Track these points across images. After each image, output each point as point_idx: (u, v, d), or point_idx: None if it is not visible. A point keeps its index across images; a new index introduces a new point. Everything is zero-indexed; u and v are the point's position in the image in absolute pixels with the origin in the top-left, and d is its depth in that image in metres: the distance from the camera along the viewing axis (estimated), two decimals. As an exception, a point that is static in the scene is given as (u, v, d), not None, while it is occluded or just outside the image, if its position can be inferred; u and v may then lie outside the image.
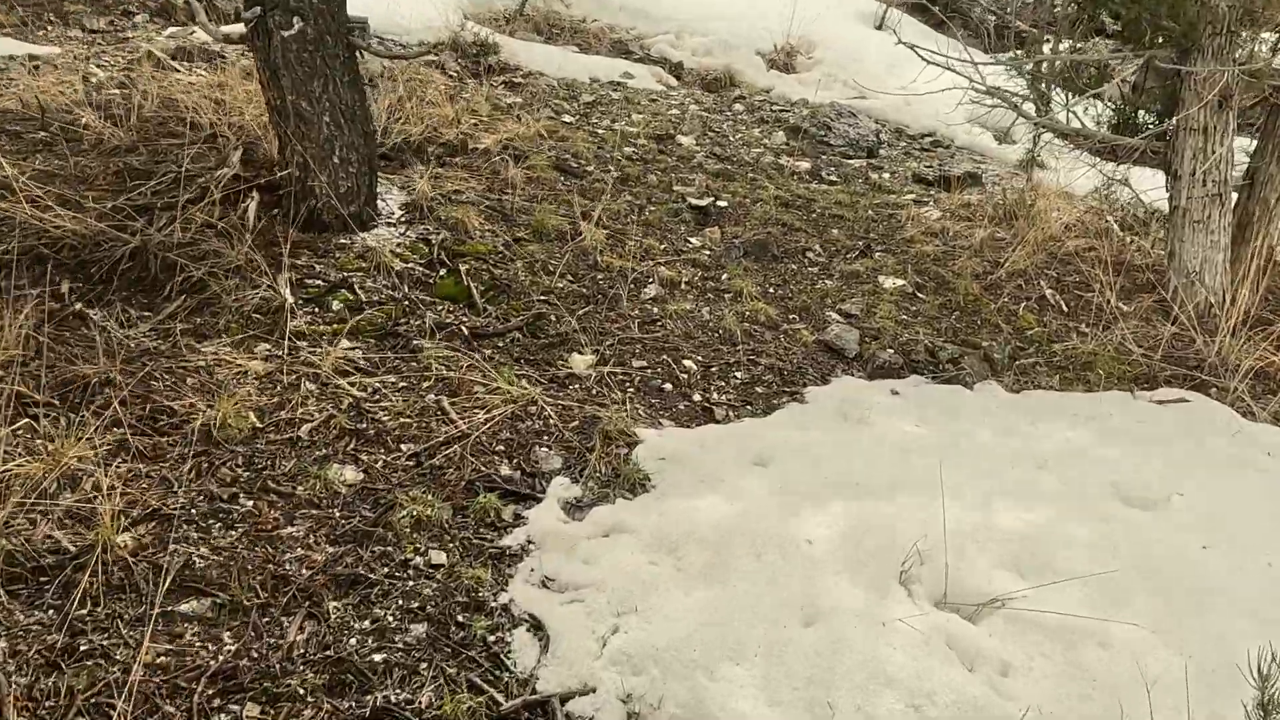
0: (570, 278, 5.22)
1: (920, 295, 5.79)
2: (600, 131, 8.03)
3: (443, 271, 4.93)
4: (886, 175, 8.26)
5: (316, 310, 4.48)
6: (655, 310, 5.10)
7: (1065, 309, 5.87)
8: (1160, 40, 5.69)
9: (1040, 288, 6.00)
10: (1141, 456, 4.12)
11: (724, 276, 5.66)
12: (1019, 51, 8.83)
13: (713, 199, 6.83)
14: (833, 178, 8.01)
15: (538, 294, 4.96)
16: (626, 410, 4.18)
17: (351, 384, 4.01)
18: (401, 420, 3.85)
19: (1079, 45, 7.25)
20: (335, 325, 4.38)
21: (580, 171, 6.91)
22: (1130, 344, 5.46)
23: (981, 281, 5.96)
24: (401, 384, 4.10)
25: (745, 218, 6.64)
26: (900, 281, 5.85)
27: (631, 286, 5.27)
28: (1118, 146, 6.10)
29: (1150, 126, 6.24)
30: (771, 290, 5.62)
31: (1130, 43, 5.82)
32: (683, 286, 5.44)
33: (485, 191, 6.07)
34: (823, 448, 3.95)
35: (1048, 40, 9.15)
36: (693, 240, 6.11)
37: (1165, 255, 6.06)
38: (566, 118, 8.30)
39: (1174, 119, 5.87)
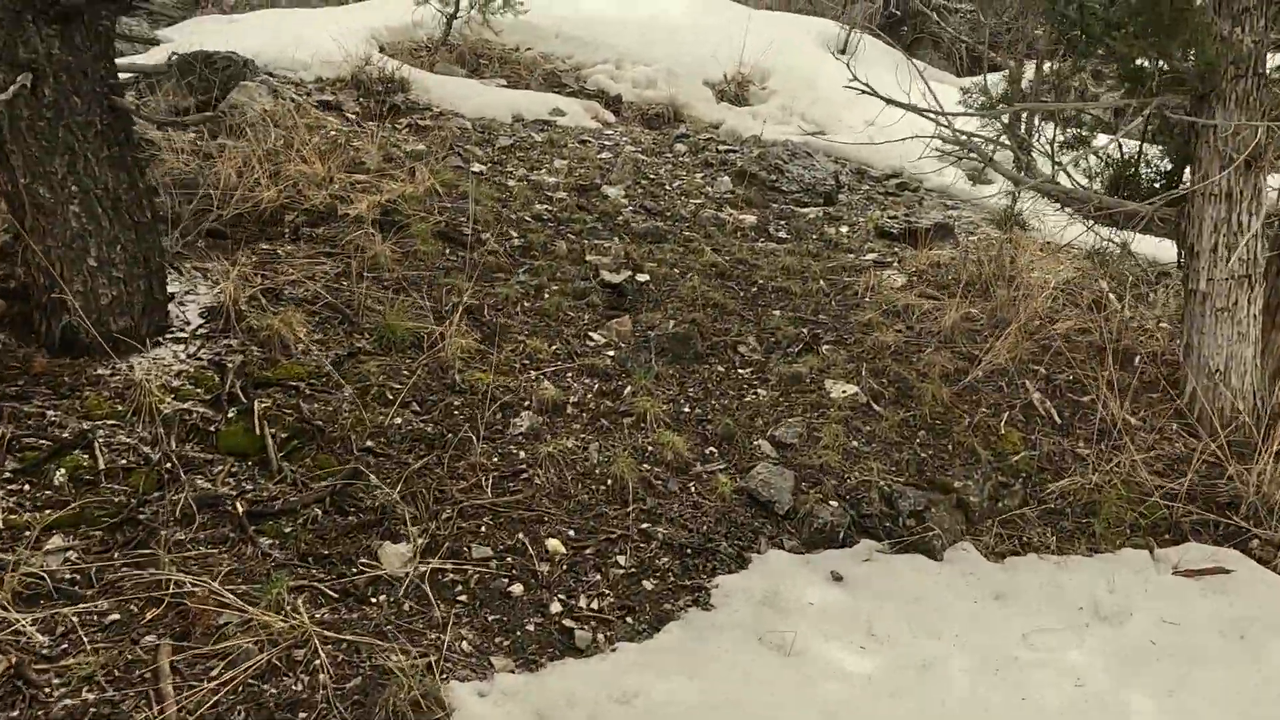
0: (415, 409, 3.84)
1: (876, 407, 4.41)
2: (511, 184, 6.64)
3: (233, 412, 3.53)
4: (844, 229, 6.89)
5: (29, 486, 3.09)
6: (523, 454, 3.71)
7: (1058, 420, 4.50)
8: (1170, 84, 4.34)
9: (1026, 390, 4.63)
10: (1175, 710, 2.75)
11: (627, 390, 4.27)
12: (994, 82, 7.51)
13: (631, 272, 5.45)
14: (782, 234, 6.63)
15: (361, 440, 3.57)
16: (445, 642, 2.80)
17: (35, 622, 2.63)
18: (82, 699, 2.47)
19: (1066, 79, 5.89)
20: (49, 512, 3.00)
21: (471, 241, 5.53)
22: (1143, 473, 4.10)
23: (953, 385, 4.59)
24: (113, 617, 2.71)
25: (669, 297, 5.26)
26: (852, 389, 4.48)
27: (498, 416, 3.89)
28: (1117, 211, 4.74)
29: (1158, 188, 4.89)
30: (688, 409, 4.24)
31: (1132, 87, 4.46)
32: (569, 411, 4.05)
33: (335, 279, 4.68)
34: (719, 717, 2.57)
35: (1026, 71, 7.82)
36: (595, 336, 4.73)
37: (1180, 347, 4.70)
38: (476, 166, 6.91)
39: (1189, 182, 4.52)
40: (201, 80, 7.48)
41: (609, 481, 3.64)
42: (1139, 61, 4.28)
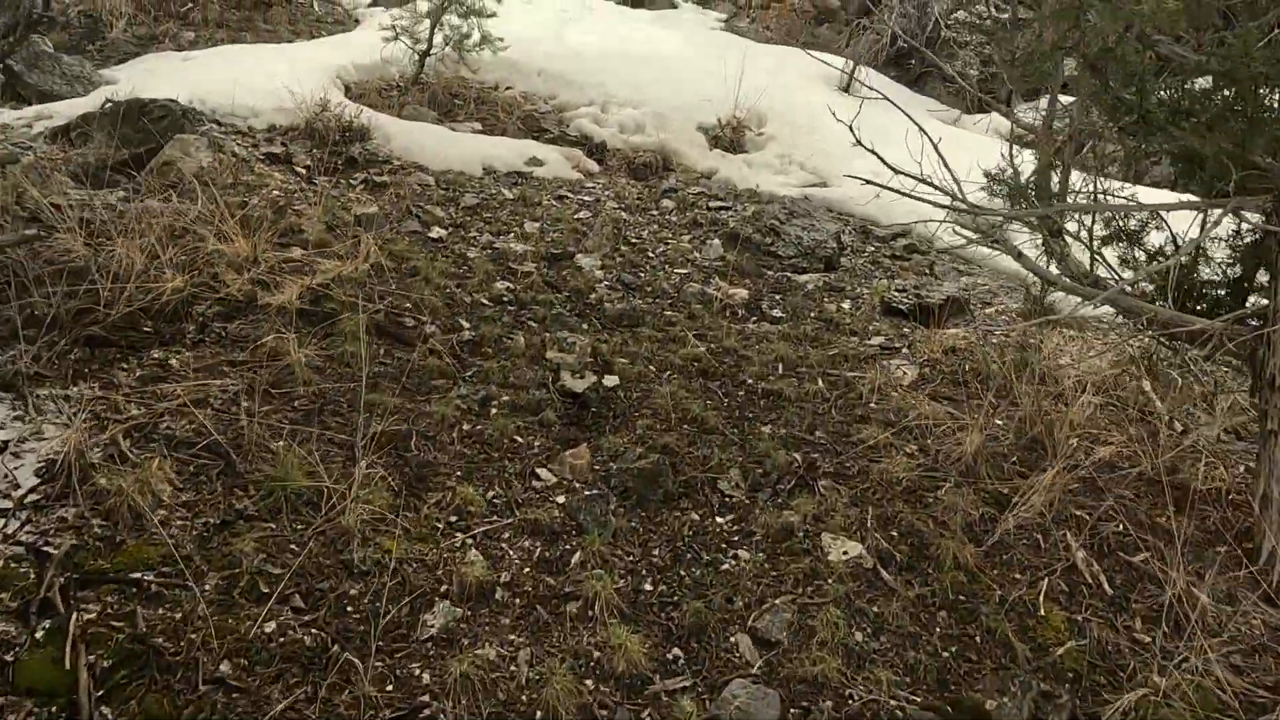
0: (296, 606, 2.93)
1: (885, 575, 3.50)
2: (472, 255, 5.75)
3: (43, 629, 2.64)
4: (847, 304, 5.97)
5: None
6: (427, 677, 2.80)
7: (1109, 590, 3.58)
8: (1250, 184, 3.43)
9: (1068, 548, 3.72)
10: None
11: (575, 557, 3.37)
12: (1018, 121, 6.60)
13: (598, 375, 4.55)
14: (777, 312, 5.72)
15: (214, 664, 2.68)
16: None
17: None
18: None
19: (1114, 153, 4.97)
20: None
21: (413, 335, 4.64)
22: (1218, 670, 3.20)
23: (978, 540, 3.68)
24: None
25: (640, 409, 4.36)
26: (855, 548, 3.57)
27: (404, 611, 3.00)
28: (1178, 328, 3.83)
29: (1223, 297, 3.98)
30: (649, 585, 3.33)
31: (1201, 184, 3.55)
32: (498, 596, 3.15)
33: (232, 400, 3.79)
34: None
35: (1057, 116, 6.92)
36: (544, 473, 3.82)
37: (1255, 495, 3.78)
38: (435, 231, 6.02)
39: (1270, 300, 3.60)
40: (137, 131, 6.62)
41: (538, 716, 2.74)
42: (1212, 156, 3.37)
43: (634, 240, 6.39)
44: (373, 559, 3.12)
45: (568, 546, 3.42)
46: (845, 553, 3.54)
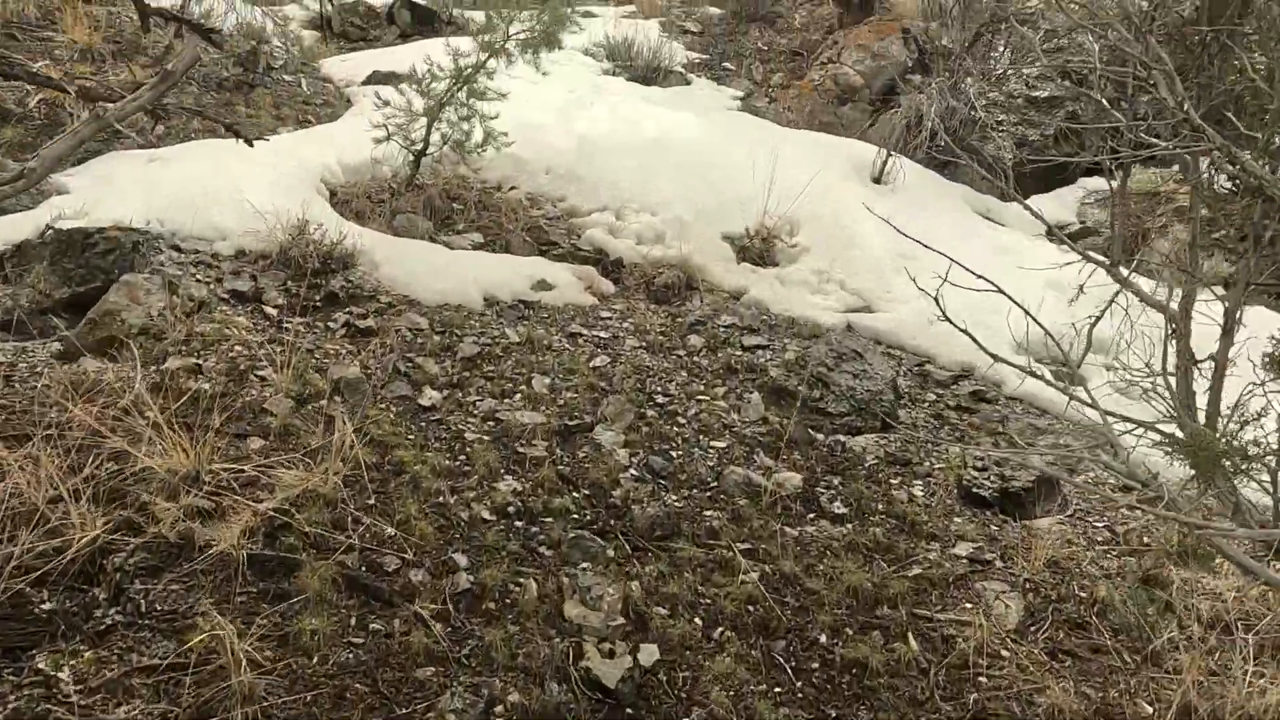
0: None
1: None
2: (470, 436, 4.60)
3: None
4: (919, 489, 4.83)
5: None
6: None
7: None
8: None
9: None
10: None
11: None
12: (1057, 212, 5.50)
13: (633, 647, 3.40)
14: (837, 506, 4.58)
15: None
16: None
17: None
18: None
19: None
20: None
21: (393, 591, 3.48)
22: None
23: None
24: None
25: (688, 706, 3.22)
26: None
27: None
28: None
29: None
30: None
31: None
32: None
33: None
34: None
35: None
36: None
37: None
38: (428, 395, 4.88)
39: None
40: (80, 266, 5.48)
41: None
42: None
43: (661, 398, 5.25)
44: None
45: None
46: None
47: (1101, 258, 4.44)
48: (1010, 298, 4.01)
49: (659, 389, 5.34)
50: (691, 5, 13.38)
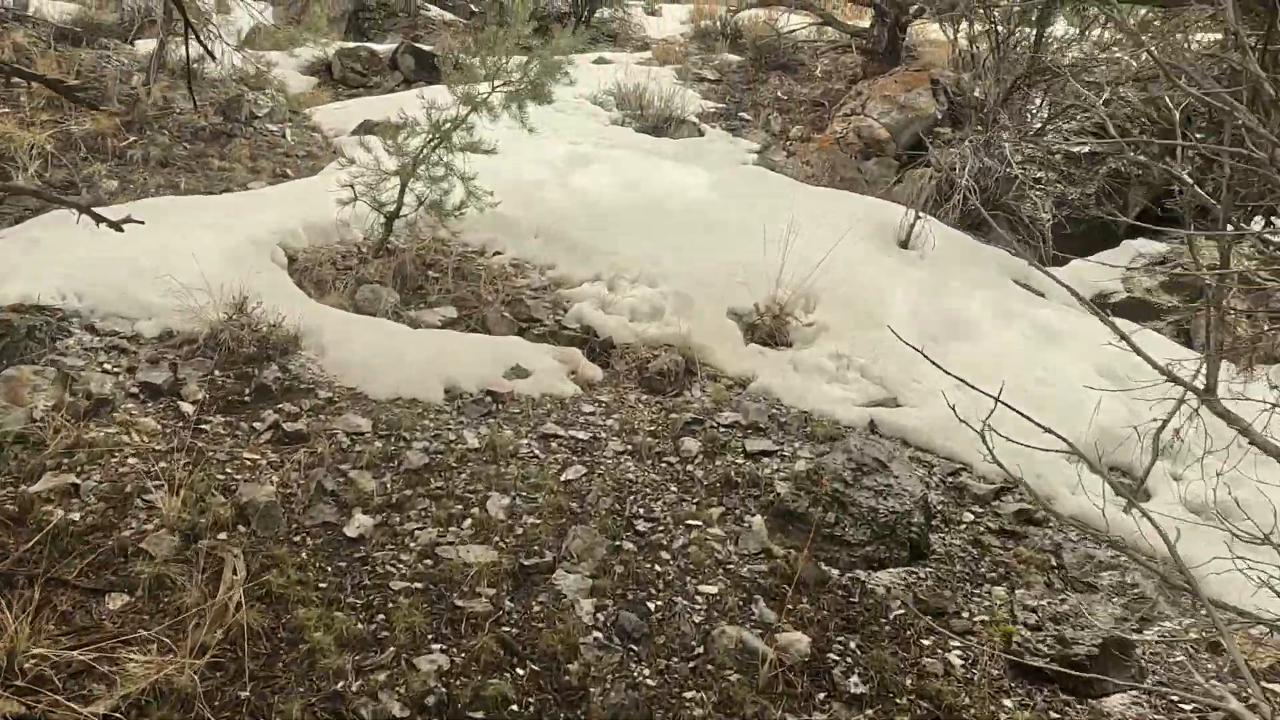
0: None
1: None
2: (396, 586, 3.60)
3: None
4: (956, 658, 3.75)
5: None
6: None
7: None
8: None
9: None
10: None
11: None
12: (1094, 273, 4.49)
13: None
14: (854, 681, 3.52)
15: None
16: None
17: None
18: None
19: None
20: None
21: None
22: None
23: None
24: None
25: None
26: None
27: None
28: None
29: None
30: None
31: None
32: None
33: None
34: None
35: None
36: None
37: None
38: (355, 524, 3.89)
39: None
40: (-33, 351, 4.56)
41: None
42: None
43: (643, 523, 4.22)
44: None
45: None
46: None
47: (1189, 381, 3.36)
48: (1065, 441, 2.94)
49: (641, 510, 4.31)
50: (710, 52, 12.48)
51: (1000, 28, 8.76)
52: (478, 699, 3.11)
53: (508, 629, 3.45)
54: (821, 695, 3.45)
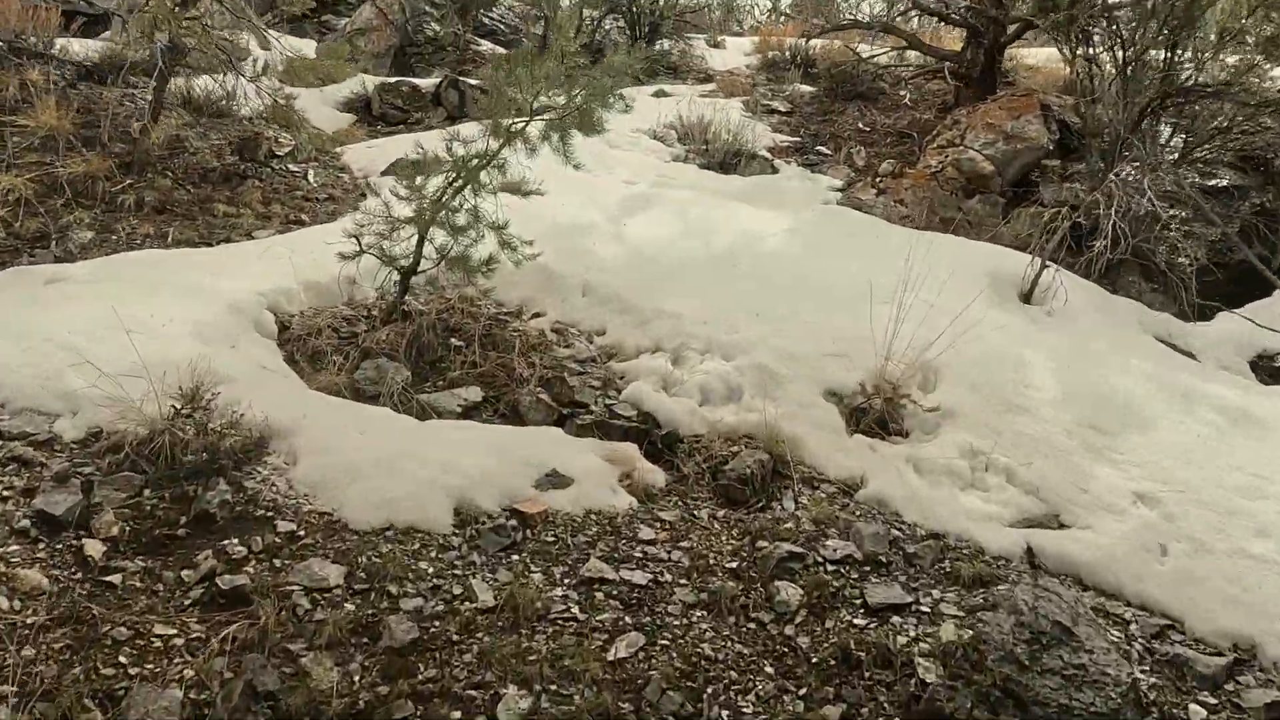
0: None
1: None
2: None
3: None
4: None
5: None
6: None
7: None
8: None
9: None
10: None
11: None
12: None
13: None
14: None
15: None
16: None
17: None
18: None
19: None
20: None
21: None
22: None
23: None
24: None
25: None
26: None
27: None
28: None
29: None
30: None
31: None
32: None
33: None
34: None
35: None
36: None
37: None
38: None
39: None
40: None
41: None
42: None
43: (727, 737, 2.71)
44: None
45: None
46: None
47: None
48: None
49: (726, 713, 2.80)
50: (779, 83, 11.05)
51: (1126, 46, 7.15)
52: None
53: None
54: None
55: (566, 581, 3.27)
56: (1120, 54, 7.16)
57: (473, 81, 9.72)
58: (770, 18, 17.09)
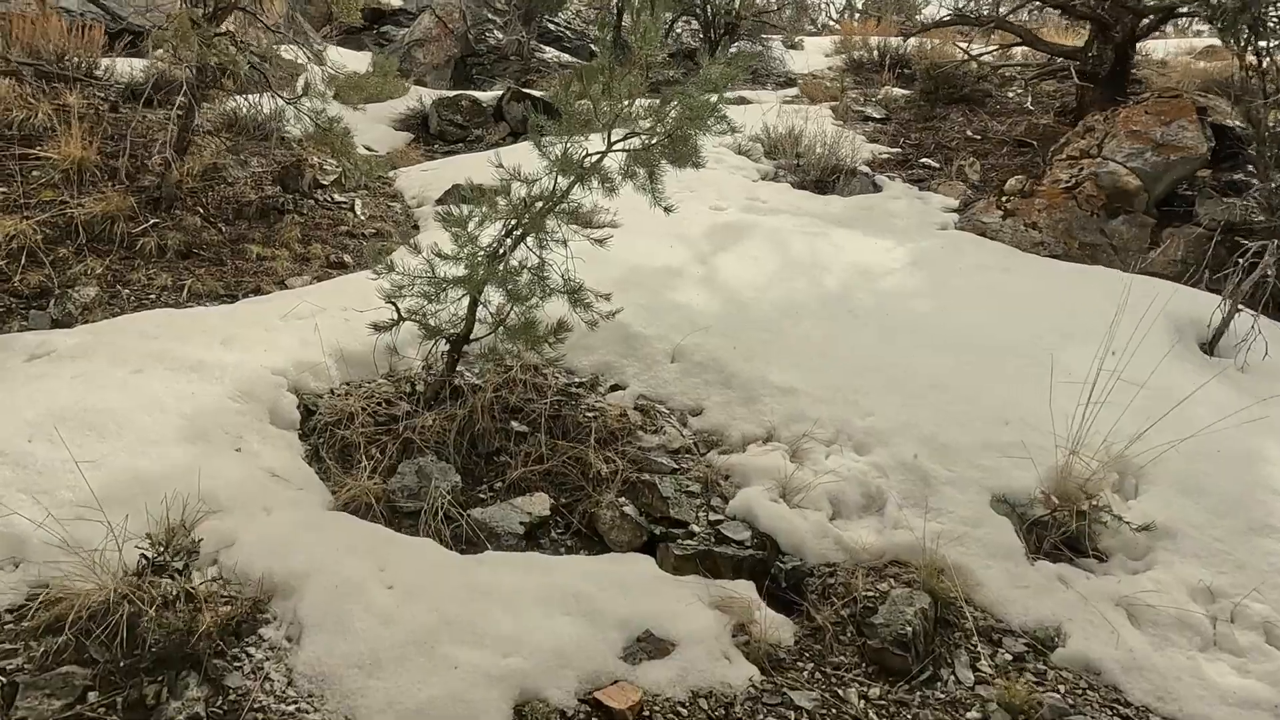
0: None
1: None
2: None
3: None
4: None
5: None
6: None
7: None
8: None
9: None
10: None
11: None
12: None
13: None
14: None
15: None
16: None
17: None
18: None
19: None
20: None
21: None
22: None
23: None
24: None
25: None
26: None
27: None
28: None
29: None
30: None
31: None
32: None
33: None
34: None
35: None
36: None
37: None
38: None
39: None
40: None
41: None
42: None
43: None
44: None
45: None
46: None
47: None
48: None
49: None
50: (868, 86, 9.79)
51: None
52: None
53: None
54: None
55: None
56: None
57: (536, 93, 8.66)
58: (845, 16, 15.73)
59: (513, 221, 3.56)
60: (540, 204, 3.58)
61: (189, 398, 3.38)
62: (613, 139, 3.52)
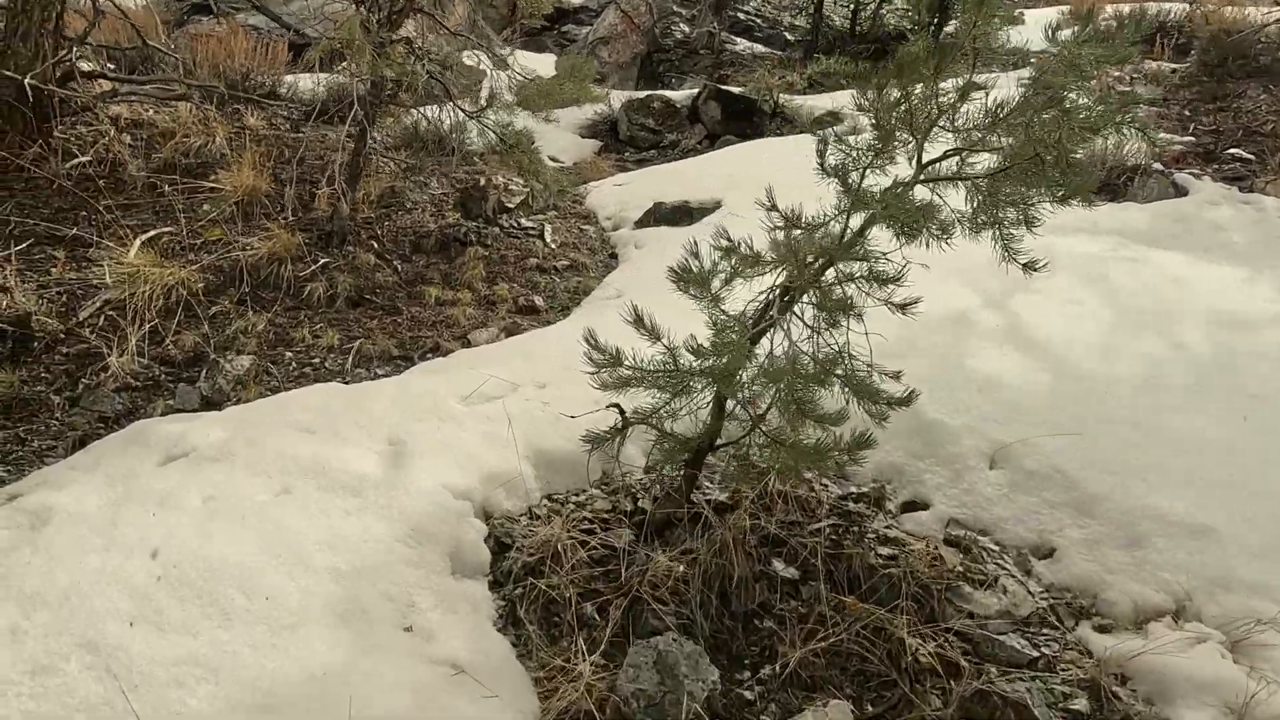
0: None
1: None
2: None
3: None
4: None
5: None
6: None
7: None
8: None
9: None
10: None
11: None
12: None
13: None
14: None
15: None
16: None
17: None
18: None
19: None
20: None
21: None
22: None
23: None
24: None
25: None
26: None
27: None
28: None
29: None
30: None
31: None
32: None
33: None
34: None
35: None
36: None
37: None
38: None
39: None
40: None
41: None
42: None
43: None
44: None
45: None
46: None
47: None
48: None
49: None
50: (1118, 59, 7.83)
51: None
52: None
53: None
54: None
55: None
56: None
57: (735, 89, 7.38)
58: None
59: (783, 292, 2.30)
60: (820, 262, 2.30)
61: (343, 543, 2.34)
62: (927, 157, 2.20)
